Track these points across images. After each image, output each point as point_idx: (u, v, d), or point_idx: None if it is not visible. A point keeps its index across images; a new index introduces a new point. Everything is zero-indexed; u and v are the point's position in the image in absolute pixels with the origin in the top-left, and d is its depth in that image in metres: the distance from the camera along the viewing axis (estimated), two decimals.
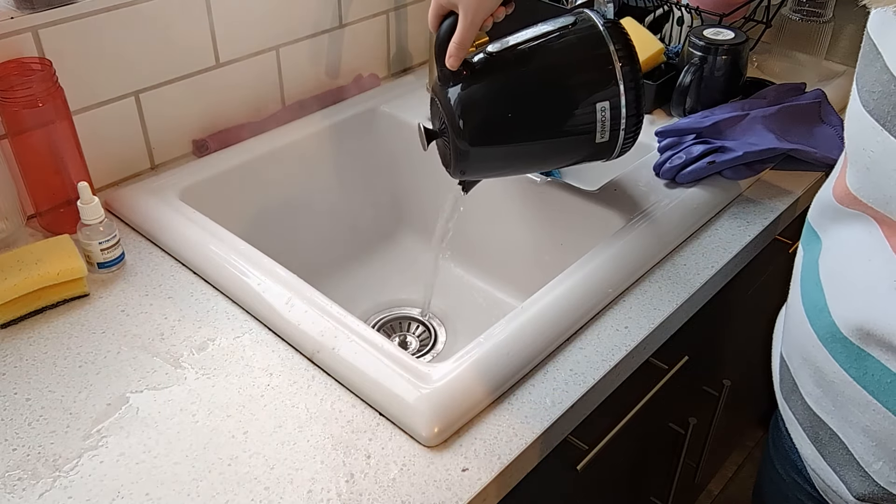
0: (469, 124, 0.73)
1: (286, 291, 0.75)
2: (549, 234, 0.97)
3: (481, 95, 0.73)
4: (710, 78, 1.03)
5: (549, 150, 0.76)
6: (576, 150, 0.77)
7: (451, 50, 0.71)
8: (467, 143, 0.73)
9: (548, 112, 0.74)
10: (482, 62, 0.74)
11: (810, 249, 0.63)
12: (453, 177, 0.78)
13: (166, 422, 0.64)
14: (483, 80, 0.73)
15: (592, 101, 0.73)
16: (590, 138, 0.74)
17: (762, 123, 0.96)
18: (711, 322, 0.96)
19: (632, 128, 0.75)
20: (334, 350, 0.69)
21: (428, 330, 1.01)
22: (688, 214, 0.88)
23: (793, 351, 0.63)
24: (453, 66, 0.72)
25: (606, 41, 0.73)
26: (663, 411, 0.96)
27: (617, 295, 0.78)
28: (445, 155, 0.77)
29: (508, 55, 0.74)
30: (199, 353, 0.71)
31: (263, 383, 0.68)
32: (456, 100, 0.73)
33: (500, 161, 0.76)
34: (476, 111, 0.73)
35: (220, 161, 0.95)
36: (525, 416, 0.65)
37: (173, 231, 0.83)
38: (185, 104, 0.97)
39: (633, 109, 0.73)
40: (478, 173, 0.78)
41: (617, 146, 0.76)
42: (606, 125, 0.74)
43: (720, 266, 0.83)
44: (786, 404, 0.65)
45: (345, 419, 0.65)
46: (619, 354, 0.72)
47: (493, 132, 0.74)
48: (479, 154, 0.74)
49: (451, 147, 0.74)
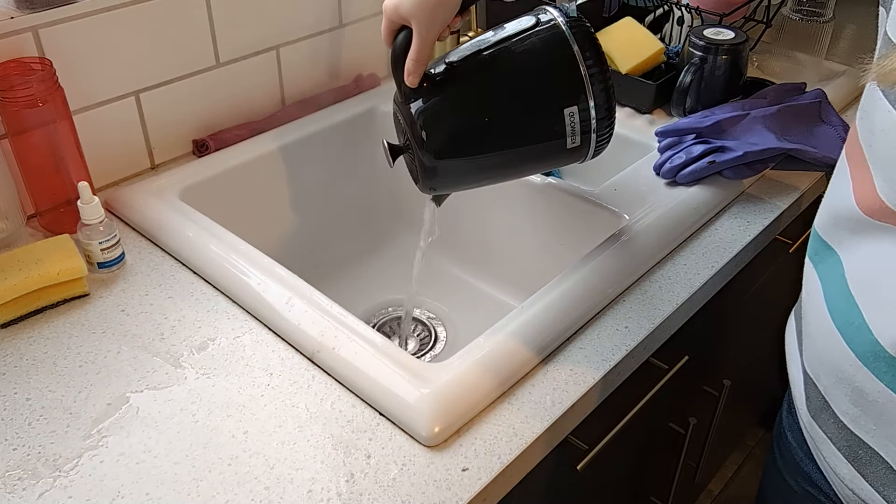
0: (433, 138, 0.70)
1: (286, 291, 0.74)
2: (548, 234, 0.97)
3: (444, 107, 0.71)
4: (711, 78, 1.03)
5: (520, 159, 0.74)
6: (548, 157, 0.74)
7: (409, 67, 0.69)
8: (432, 157, 0.71)
9: (513, 121, 0.71)
10: (443, 73, 0.71)
11: (827, 264, 0.60)
12: (423, 192, 0.76)
13: (166, 421, 0.64)
14: (445, 92, 0.71)
15: (559, 107, 0.70)
16: (560, 144, 0.72)
17: (762, 123, 0.96)
18: (712, 322, 0.96)
19: (604, 130, 0.72)
20: (334, 350, 0.69)
21: (428, 330, 1.01)
22: (688, 214, 0.88)
23: (822, 370, 0.61)
24: (413, 84, 0.70)
25: (570, 42, 0.70)
26: (663, 411, 0.96)
27: (617, 295, 0.78)
28: (413, 170, 0.76)
29: (469, 64, 0.71)
30: (200, 353, 0.71)
31: (263, 383, 0.68)
32: (417, 113, 0.70)
33: (469, 173, 0.74)
34: (439, 124, 0.71)
35: (221, 161, 0.95)
36: (525, 416, 0.65)
37: (173, 231, 0.83)
38: (186, 104, 0.97)
39: (603, 111, 0.71)
40: (448, 187, 0.76)
41: (590, 150, 0.73)
42: (577, 129, 0.71)
43: (720, 266, 0.83)
44: (814, 422, 0.64)
45: (345, 419, 0.65)
46: (620, 354, 0.72)
47: (459, 144, 0.71)
48: (447, 167, 0.72)
49: (417, 162, 0.72)
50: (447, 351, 0.97)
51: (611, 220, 0.88)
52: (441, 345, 0.98)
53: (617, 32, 1.11)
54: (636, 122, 1.07)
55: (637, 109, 1.10)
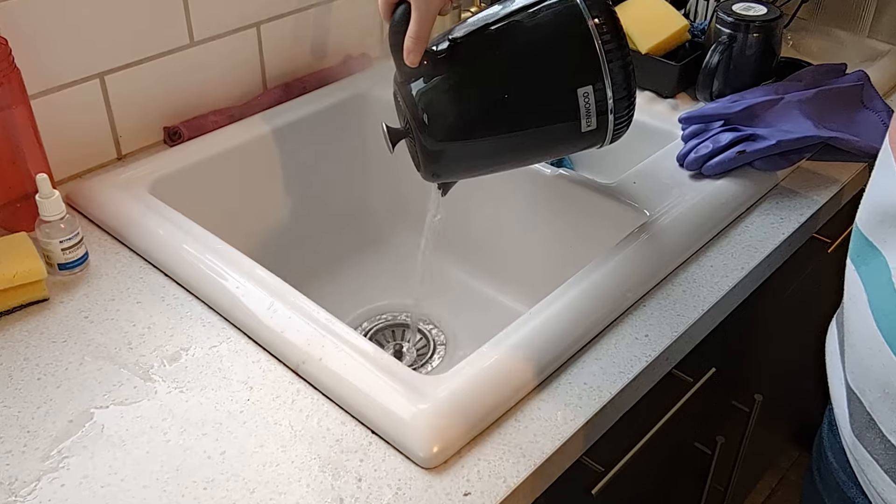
0: (435, 120, 0.71)
1: (268, 296, 0.75)
2: (559, 232, 0.97)
3: (447, 87, 0.71)
4: (740, 58, 1.03)
5: (530, 144, 0.74)
6: (561, 141, 0.75)
7: (409, 44, 0.70)
8: (434, 140, 0.72)
9: (523, 102, 0.72)
10: (446, 51, 0.72)
11: (871, 265, 0.60)
12: (426, 179, 0.77)
13: (134, 440, 0.64)
14: (448, 71, 0.72)
15: (573, 87, 0.71)
16: (574, 127, 0.72)
17: (798, 108, 0.96)
18: (742, 330, 0.96)
19: (622, 112, 0.73)
20: (322, 361, 0.69)
21: (426, 339, 1.01)
22: (715, 210, 0.88)
23: (867, 383, 0.61)
24: (413, 63, 0.71)
25: (584, 16, 0.70)
26: (688, 429, 0.96)
27: (636, 300, 0.78)
28: (414, 156, 0.76)
29: (475, 40, 0.72)
30: (172, 365, 0.71)
31: (243, 398, 0.68)
32: (418, 94, 0.71)
33: (474, 158, 0.75)
34: (442, 105, 0.71)
35: (195, 150, 0.96)
36: (534, 435, 0.65)
37: (143, 228, 0.83)
38: (156, 87, 0.97)
39: (622, 91, 0.71)
40: (453, 174, 0.77)
41: (608, 134, 0.74)
42: (592, 112, 0.71)
43: (751, 267, 0.83)
44: (858, 442, 0.63)
45: (333, 438, 0.65)
46: (639, 366, 0.72)
47: (463, 127, 0.72)
48: (450, 152, 0.73)
49: (418, 146, 0.73)
50: (447, 362, 0.97)
51: (629, 216, 0.88)
52: (440, 355, 0.99)
53: (636, 7, 1.11)
54: (657, 107, 1.07)
55: (658, 93, 1.10)
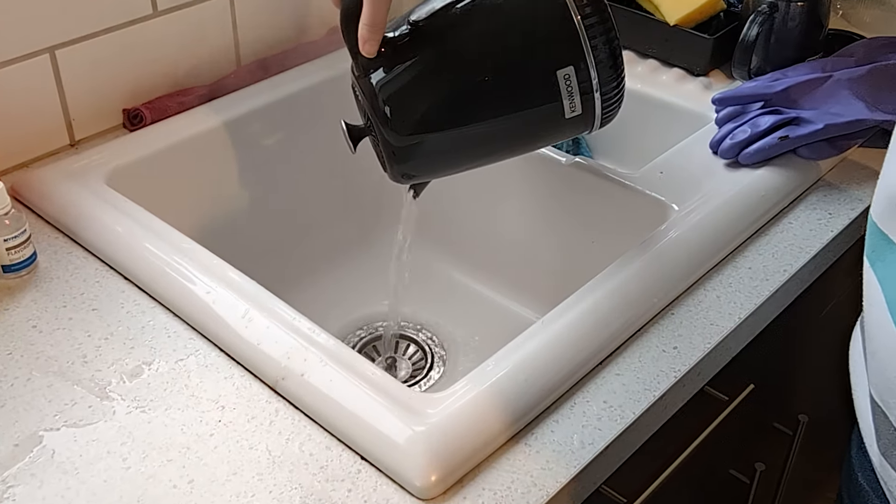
0: (399, 112, 0.72)
1: (242, 302, 0.75)
2: (575, 230, 0.97)
3: (410, 75, 0.72)
4: (783, 30, 1.03)
5: (507, 134, 0.75)
6: (543, 130, 0.75)
7: (363, 33, 0.70)
8: (398, 134, 0.72)
9: (495, 87, 0.72)
10: (406, 35, 0.73)
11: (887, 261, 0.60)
12: (394, 181, 0.77)
13: (89, 468, 0.64)
14: (410, 57, 0.72)
15: (551, 69, 0.71)
16: (557, 113, 0.73)
17: (848, 88, 0.96)
18: (784, 341, 0.96)
19: (610, 92, 0.73)
20: (304, 376, 0.69)
21: (422, 351, 1.01)
22: (753, 204, 0.88)
23: (891, 396, 0.61)
24: (370, 53, 0.71)
25: None
26: (723, 455, 0.96)
27: (663, 306, 0.78)
28: (380, 155, 0.77)
29: (438, 22, 0.73)
30: (132, 381, 0.71)
31: (213, 419, 0.68)
32: (379, 85, 0.72)
33: (446, 154, 0.75)
34: (405, 95, 0.72)
35: (159, 136, 0.96)
36: (547, 461, 0.65)
37: (99, 225, 0.83)
38: (114, 64, 0.97)
39: (607, 70, 0.71)
40: (424, 172, 0.77)
41: (595, 118, 0.74)
42: (575, 94, 0.72)
43: (795, 270, 0.83)
44: (885, 462, 0.64)
45: (317, 464, 0.65)
46: (667, 382, 0.72)
47: (428, 118, 0.73)
48: (418, 147, 0.74)
49: (382, 143, 0.74)
50: (447, 378, 0.98)
51: (655, 210, 0.88)
52: (439, 370, 0.98)
53: None
54: (688, 86, 1.08)
55: (689, 70, 1.10)
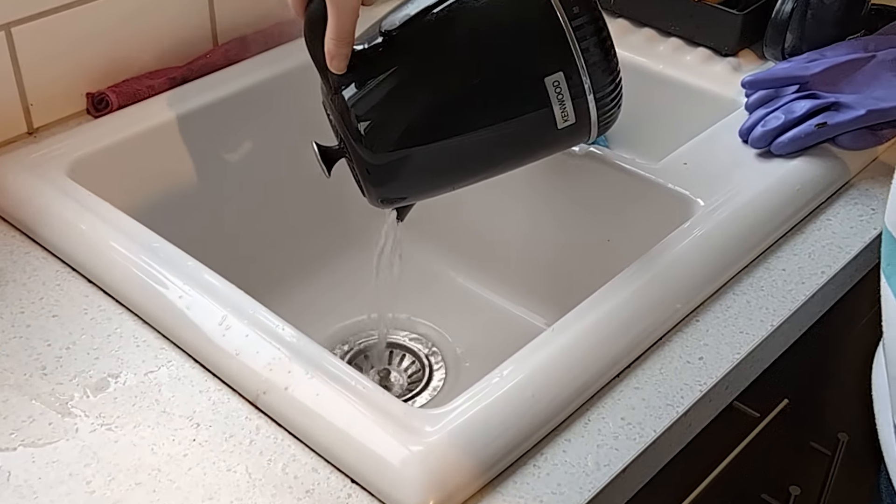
0: (374, 129, 0.72)
1: (220, 308, 0.75)
2: (590, 227, 0.97)
3: (384, 89, 0.72)
4: (820, 5, 1.03)
5: (495, 149, 0.75)
6: (537, 142, 0.76)
7: (330, 48, 0.70)
8: (373, 152, 0.73)
9: (478, 97, 0.73)
10: (378, 47, 0.73)
11: None
12: (374, 206, 0.78)
13: (49, 491, 0.64)
14: (383, 69, 0.73)
15: (538, 76, 0.71)
16: (548, 123, 0.73)
17: (893, 70, 0.96)
18: (822, 351, 0.96)
19: (607, 98, 0.73)
20: (288, 390, 0.69)
21: (419, 362, 1.01)
22: (788, 199, 0.88)
23: None
24: (339, 69, 0.71)
25: None
26: (754, 477, 0.96)
27: (688, 312, 0.78)
28: (357, 179, 0.77)
29: (412, 31, 0.73)
30: (97, 395, 0.71)
31: (188, 437, 0.68)
32: (352, 101, 0.72)
33: (429, 173, 0.76)
34: (379, 110, 0.72)
35: (126, 123, 0.96)
36: (558, 485, 0.65)
37: (60, 221, 0.83)
38: (77, 43, 0.97)
39: (601, 75, 0.71)
40: (406, 194, 0.78)
41: (591, 126, 0.74)
42: (567, 103, 0.72)
43: (834, 272, 0.83)
44: None
45: (302, 488, 0.65)
46: (691, 397, 0.72)
47: (407, 134, 0.73)
48: (396, 167, 0.74)
49: (358, 165, 0.74)
50: (447, 391, 0.98)
51: (678, 206, 0.88)
52: (438, 382, 0.99)
53: None
54: (715, 67, 1.08)
55: (716, 50, 1.10)
